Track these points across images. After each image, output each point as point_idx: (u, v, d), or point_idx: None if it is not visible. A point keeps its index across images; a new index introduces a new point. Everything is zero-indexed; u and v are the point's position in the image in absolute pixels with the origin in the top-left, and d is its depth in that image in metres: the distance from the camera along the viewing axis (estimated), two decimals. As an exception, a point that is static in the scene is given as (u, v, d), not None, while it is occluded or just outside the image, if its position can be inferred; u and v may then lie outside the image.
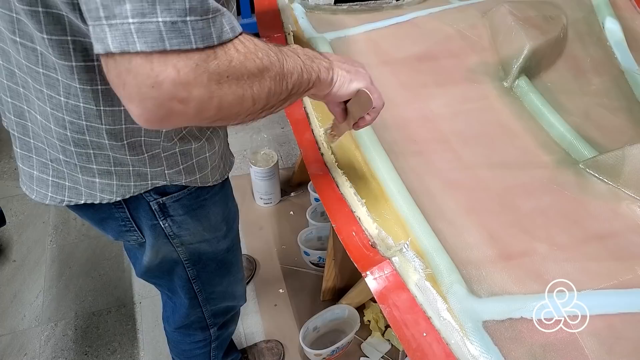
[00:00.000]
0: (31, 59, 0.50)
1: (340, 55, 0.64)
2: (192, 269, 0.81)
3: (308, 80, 0.55)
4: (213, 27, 0.40)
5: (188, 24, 0.38)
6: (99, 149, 0.57)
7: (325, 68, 0.58)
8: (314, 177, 0.88)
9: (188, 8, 0.37)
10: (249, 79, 0.44)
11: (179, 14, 0.37)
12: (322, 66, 0.58)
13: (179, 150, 0.63)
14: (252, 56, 0.44)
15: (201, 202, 0.71)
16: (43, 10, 0.45)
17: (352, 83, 0.61)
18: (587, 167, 0.97)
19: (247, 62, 0.44)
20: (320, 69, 0.57)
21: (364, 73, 0.63)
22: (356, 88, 0.62)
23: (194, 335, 1.00)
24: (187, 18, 0.38)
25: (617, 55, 1.28)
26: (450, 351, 0.64)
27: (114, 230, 0.70)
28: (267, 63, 0.46)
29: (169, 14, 0.37)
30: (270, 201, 1.80)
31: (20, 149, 0.62)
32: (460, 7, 1.33)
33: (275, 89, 0.49)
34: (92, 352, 1.40)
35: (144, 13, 0.36)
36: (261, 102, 0.48)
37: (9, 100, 0.58)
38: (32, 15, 0.45)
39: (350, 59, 0.64)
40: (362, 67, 0.64)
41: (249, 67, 0.44)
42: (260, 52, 0.46)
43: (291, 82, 0.51)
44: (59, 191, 0.63)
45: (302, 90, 0.55)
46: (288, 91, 0.51)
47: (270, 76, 0.47)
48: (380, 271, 0.72)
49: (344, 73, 0.61)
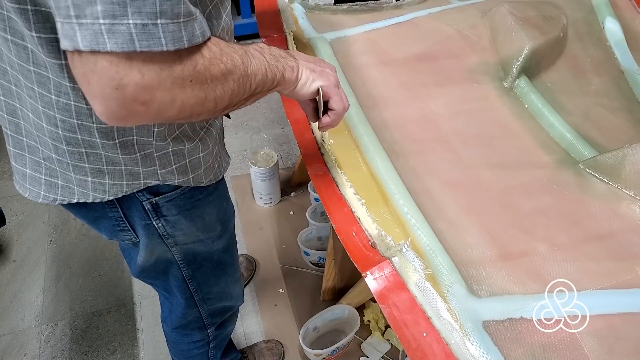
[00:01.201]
0: (22, 56, 0.50)
1: (309, 56, 0.65)
2: (187, 269, 0.81)
3: (272, 80, 0.56)
4: (184, 31, 0.41)
5: (159, 26, 0.39)
6: (91, 147, 0.57)
7: (290, 67, 0.60)
8: (314, 177, 0.88)
9: (159, 11, 0.38)
10: (212, 82, 0.46)
11: (149, 17, 0.38)
12: (287, 65, 0.59)
13: (171, 150, 0.63)
14: (217, 61, 0.46)
15: (195, 202, 0.71)
16: (32, 8, 0.45)
17: (314, 82, 0.63)
18: (587, 167, 0.97)
19: (212, 67, 0.46)
20: (285, 68, 0.59)
21: (329, 74, 0.65)
22: (316, 87, 0.63)
23: (191, 335, 1.00)
24: (157, 21, 0.39)
25: (617, 55, 1.28)
26: (450, 351, 0.64)
27: (108, 230, 0.70)
28: (230, 67, 0.48)
29: (140, 16, 0.38)
30: (270, 201, 1.80)
31: (13, 147, 0.62)
32: (460, 7, 1.33)
33: (239, 90, 0.51)
34: (92, 352, 1.40)
35: (115, 15, 0.37)
36: (224, 103, 0.50)
37: (1, 98, 0.58)
38: (21, 13, 0.45)
39: (319, 60, 0.66)
40: (331, 69, 0.66)
41: (213, 71, 0.46)
42: (225, 56, 0.47)
43: (255, 82, 0.53)
44: (51, 190, 0.63)
45: (266, 89, 0.56)
46: (251, 91, 0.53)
47: (233, 79, 0.49)
48: (380, 271, 0.72)
49: (307, 72, 0.62)
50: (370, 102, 1.02)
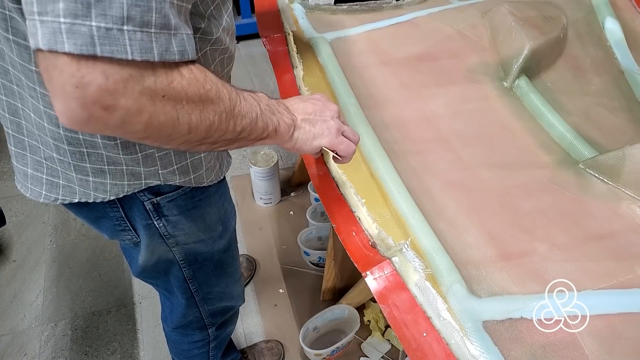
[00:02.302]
0: (24, 56, 0.50)
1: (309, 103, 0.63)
2: (188, 269, 0.81)
3: (262, 130, 0.55)
4: (155, 43, 0.39)
5: (125, 33, 0.37)
6: (92, 147, 0.57)
7: (286, 124, 0.58)
8: (314, 177, 0.88)
9: (125, 16, 0.36)
10: (188, 104, 0.43)
11: (114, 21, 0.36)
12: (282, 121, 0.58)
13: (173, 150, 0.63)
14: (198, 85, 0.44)
15: (196, 202, 0.71)
16: None
17: (315, 140, 0.62)
18: (587, 167, 0.97)
19: (190, 88, 0.43)
20: (279, 123, 0.57)
21: (331, 125, 0.63)
22: (319, 146, 0.63)
23: (192, 335, 1.00)
24: (123, 27, 0.37)
25: (617, 55, 1.28)
26: (450, 351, 0.64)
27: (109, 229, 0.70)
28: (213, 95, 0.46)
29: (104, 19, 0.36)
30: (270, 201, 1.80)
31: (14, 147, 0.62)
32: (460, 7, 1.33)
33: (219, 126, 0.48)
34: (92, 352, 1.40)
35: (76, 14, 0.35)
36: (199, 134, 0.47)
37: (3, 98, 0.58)
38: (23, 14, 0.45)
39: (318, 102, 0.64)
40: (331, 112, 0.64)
41: (191, 93, 0.43)
42: (210, 84, 0.45)
43: (240, 124, 0.51)
44: (53, 189, 0.63)
45: (254, 136, 0.54)
46: (236, 133, 0.51)
47: (215, 110, 0.46)
48: (380, 271, 0.72)
49: (307, 129, 0.61)
50: (370, 102, 1.02)
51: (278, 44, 1.13)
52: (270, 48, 1.12)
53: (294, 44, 1.12)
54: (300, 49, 1.12)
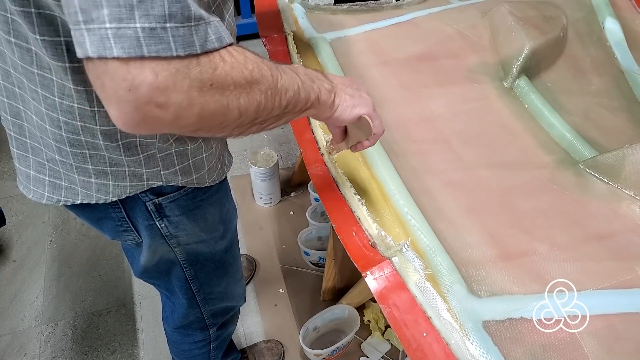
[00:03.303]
0: (26, 59, 0.50)
1: (344, 78, 0.64)
2: (189, 269, 0.81)
3: (306, 100, 0.54)
4: (196, 35, 0.39)
5: (168, 30, 0.37)
6: (94, 149, 0.57)
7: (327, 90, 0.58)
8: (314, 177, 0.88)
9: (167, 14, 0.37)
10: (235, 89, 0.44)
11: (157, 20, 0.37)
12: (323, 88, 0.57)
13: (175, 151, 0.63)
14: (241, 67, 0.44)
15: (198, 202, 0.71)
16: (35, 11, 0.45)
17: (355, 109, 0.62)
18: (587, 167, 0.97)
19: (234, 72, 0.43)
20: (321, 90, 0.57)
21: (367, 99, 0.63)
22: (358, 114, 0.62)
23: (193, 336, 1.00)
24: (166, 25, 0.37)
25: (617, 55, 1.28)
26: (450, 351, 0.64)
27: (111, 230, 0.70)
28: (257, 75, 0.45)
29: (147, 20, 0.36)
30: (270, 201, 1.80)
31: (17, 149, 0.62)
32: (460, 7, 1.33)
33: (267, 104, 0.48)
34: (92, 352, 1.40)
35: (121, 18, 0.35)
36: (249, 116, 0.47)
37: (5, 100, 0.58)
38: (25, 16, 0.45)
39: (354, 81, 0.64)
40: (366, 91, 0.65)
41: (236, 77, 0.43)
42: (251, 64, 0.45)
43: (285, 98, 0.50)
44: (55, 191, 0.63)
45: (298, 109, 0.54)
46: (282, 108, 0.51)
47: (260, 89, 0.46)
48: (380, 271, 0.72)
49: (347, 97, 0.61)
50: (370, 102, 1.02)
51: (278, 43, 1.13)
52: (270, 48, 1.13)
53: (294, 43, 1.12)
54: (300, 48, 1.12)
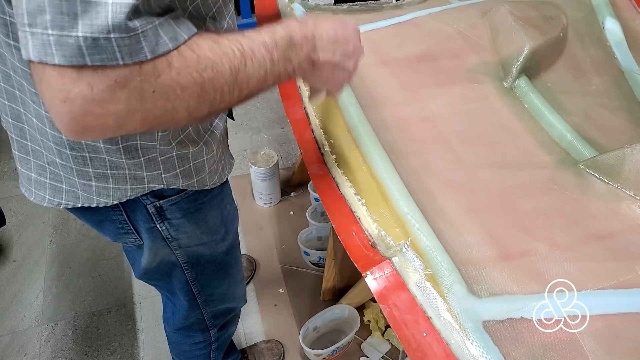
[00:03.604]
0: (25, 62, 0.50)
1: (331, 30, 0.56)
2: (190, 271, 0.81)
3: (275, 82, 0.51)
4: (144, 42, 0.37)
5: (112, 40, 0.35)
6: (94, 152, 0.57)
7: (308, 60, 0.54)
8: (314, 177, 0.88)
9: (111, 25, 0.35)
10: (183, 92, 0.42)
11: (100, 31, 0.35)
12: (302, 60, 0.53)
13: (176, 154, 0.63)
14: (190, 70, 0.41)
15: (199, 205, 0.71)
16: None
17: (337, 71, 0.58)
18: (587, 167, 0.97)
19: (181, 77, 0.41)
20: (294, 70, 0.53)
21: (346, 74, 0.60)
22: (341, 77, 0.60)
23: (194, 337, 1.00)
24: (110, 35, 0.35)
25: (617, 55, 1.28)
26: (450, 351, 0.64)
27: (112, 232, 0.70)
28: (210, 75, 0.43)
29: (90, 29, 0.35)
30: (270, 201, 1.80)
31: (18, 151, 0.62)
32: (460, 7, 1.33)
33: (223, 98, 0.46)
34: (92, 352, 1.40)
35: (63, 26, 0.34)
36: (201, 111, 0.45)
37: (5, 102, 0.58)
38: None
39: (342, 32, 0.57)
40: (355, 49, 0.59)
41: (183, 82, 0.41)
42: (205, 62, 0.42)
43: (247, 88, 0.48)
44: (56, 194, 0.63)
45: (265, 89, 0.51)
46: (242, 96, 0.48)
47: (214, 87, 0.44)
48: (380, 271, 0.72)
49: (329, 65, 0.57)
50: (370, 102, 1.02)
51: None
52: (270, 48, 1.12)
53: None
54: (300, 49, 1.11)
